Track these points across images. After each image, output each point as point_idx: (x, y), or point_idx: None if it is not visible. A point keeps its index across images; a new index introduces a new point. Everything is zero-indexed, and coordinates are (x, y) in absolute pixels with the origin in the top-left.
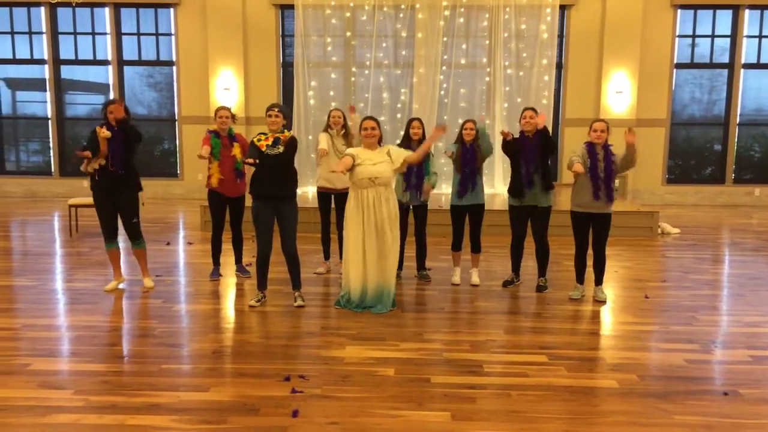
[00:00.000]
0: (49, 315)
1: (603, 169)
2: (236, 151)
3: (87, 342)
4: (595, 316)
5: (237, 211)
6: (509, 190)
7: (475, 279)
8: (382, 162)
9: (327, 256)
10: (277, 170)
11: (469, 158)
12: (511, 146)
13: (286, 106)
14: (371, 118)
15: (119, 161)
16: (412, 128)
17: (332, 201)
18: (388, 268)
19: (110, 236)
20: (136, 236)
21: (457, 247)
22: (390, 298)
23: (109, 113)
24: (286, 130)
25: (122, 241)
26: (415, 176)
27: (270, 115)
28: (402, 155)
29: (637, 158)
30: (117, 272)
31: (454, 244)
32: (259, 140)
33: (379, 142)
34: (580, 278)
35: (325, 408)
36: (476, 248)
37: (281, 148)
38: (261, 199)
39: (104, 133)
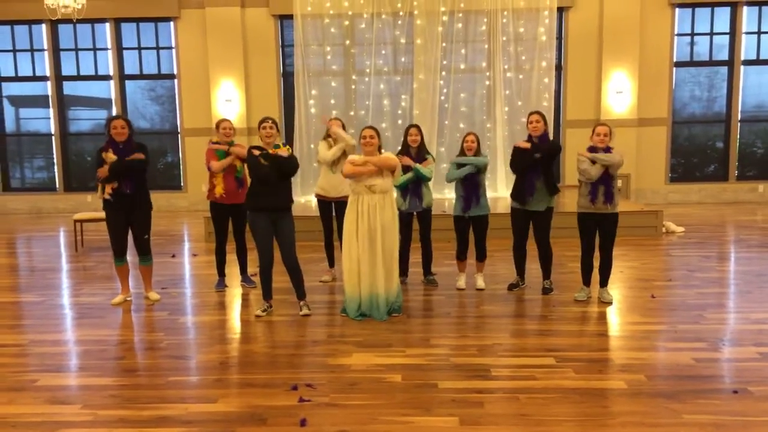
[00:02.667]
0: (56, 330)
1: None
2: (236, 160)
3: (94, 356)
4: (602, 317)
5: (239, 222)
6: (512, 195)
7: (480, 283)
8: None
9: (332, 264)
10: (272, 183)
11: (472, 172)
12: (524, 160)
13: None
14: (370, 127)
15: (130, 181)
16: (410, 135)
17: (332, 209)
18: (381, 276)
19: (120, 253)
20: (144, 251)
21: (462, 257)
22: (386, 307)
23: (113, 129)
24: (281, 145)
25: (130, 255)
26: (412, 183)
27: (264, 128)
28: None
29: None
30: (125, 287)
31: (458, 255)
32: (263, 156)
33: (379, 150)
34: (587, 280)
35: (333, 416)
36: (481, 256)
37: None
38: (257, 211)
39: (110, 157)
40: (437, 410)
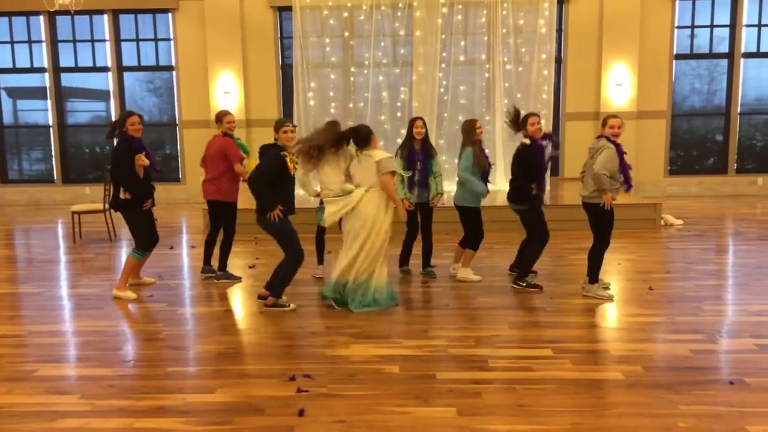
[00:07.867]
0: (54, 321)
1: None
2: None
3: (93, 347)
4: (600, 309)
5: (230, 217)
6: (517, 199)
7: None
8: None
9: (320, 261)
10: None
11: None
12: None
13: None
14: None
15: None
16: (415, 127)
17: None
18: (347, 266)
19: (151, 245)
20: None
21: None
22: (367, 298)
23: (131, 126)
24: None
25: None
26: (419, 174)
27: (286, 131)
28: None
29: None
30: (133, 278)
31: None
32: (291, 161)
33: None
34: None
35: (331, 406)
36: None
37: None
38: (288, 214)
39: (143, 161)
40: (435, 401)
